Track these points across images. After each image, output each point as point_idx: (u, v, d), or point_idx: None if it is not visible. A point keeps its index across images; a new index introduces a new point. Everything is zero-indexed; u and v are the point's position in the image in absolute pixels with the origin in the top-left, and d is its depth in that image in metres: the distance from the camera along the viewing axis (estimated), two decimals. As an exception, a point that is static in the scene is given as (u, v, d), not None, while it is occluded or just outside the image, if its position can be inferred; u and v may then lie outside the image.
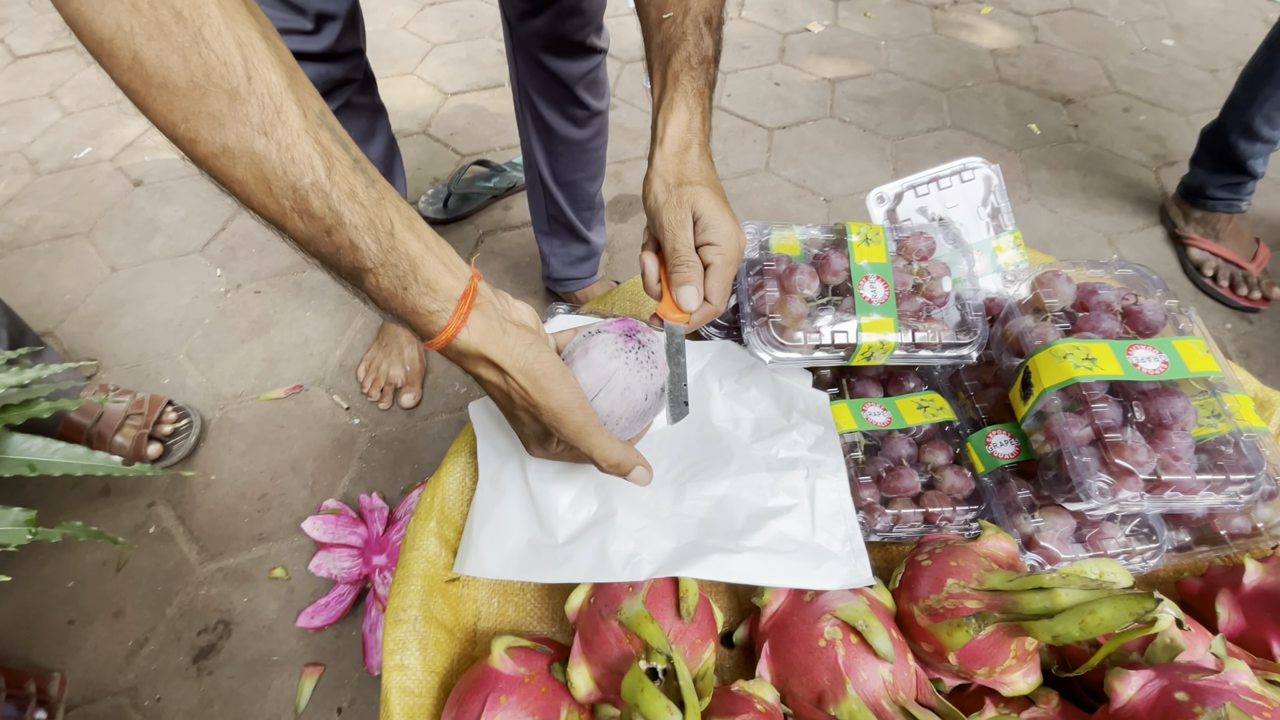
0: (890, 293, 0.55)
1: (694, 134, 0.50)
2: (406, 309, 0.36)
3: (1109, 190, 1.52)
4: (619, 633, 0.44)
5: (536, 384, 0.40)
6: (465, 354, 0.38)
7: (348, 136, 0.35)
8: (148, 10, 0.28)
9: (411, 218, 0.36)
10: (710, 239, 0.48)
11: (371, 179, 0.35)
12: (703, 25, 0.50)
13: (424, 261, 0.36)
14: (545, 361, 0.40)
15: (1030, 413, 0.53)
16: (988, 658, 0.44)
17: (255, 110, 0.30)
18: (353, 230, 0.33)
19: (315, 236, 0.34)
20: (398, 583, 0.52)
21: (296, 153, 0.31)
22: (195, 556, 0.96)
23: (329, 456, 1.06)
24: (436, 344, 0.38)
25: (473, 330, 0.37)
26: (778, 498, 0.51)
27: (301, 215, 0.33)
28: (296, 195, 0.32)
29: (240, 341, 1.22)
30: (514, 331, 0.39)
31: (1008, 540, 0.48)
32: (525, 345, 0.39)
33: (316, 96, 0.34)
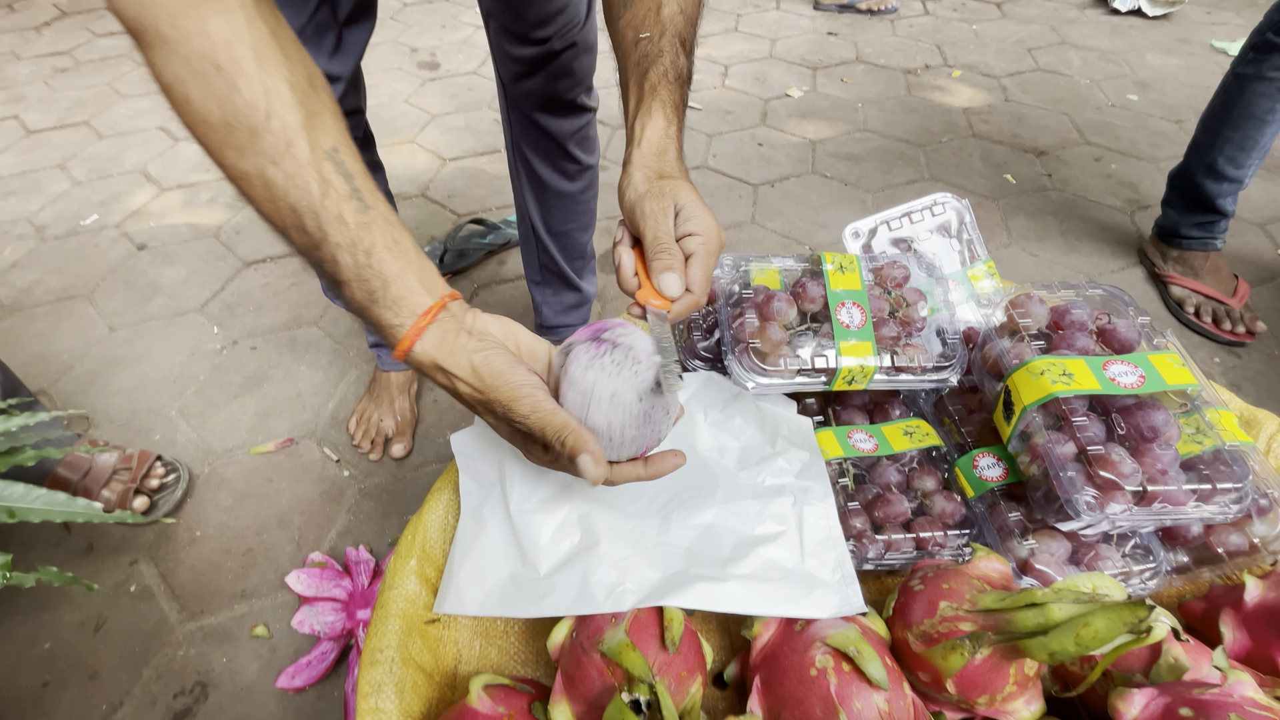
0: (867, 318, 0.56)
1: (671, 140, 0.51)
2: (374, 319, 0.41)
3: (1087, 233, 1.56)
4: (600, 665, 0.42)
5: (481, 380, 0.41)
6: (422, 365, 0.41)
7: (360, 168, 0.41)
8: (195, 64, 0.36)
9: (398, 241, 0.41)
10: (692, 229, 0.48)
11: (366, 205, 0.40)
12: (679, 45, 0.52)
13: (397, 280, 0.40)
14: (488, 357, 0.41)
15: (1014, 433, 0.53)
16: (987, 684, 0.42)
17: (269, 144, 0.38)
18: (335, 247, 0.39)
19: (308, 249, 0.40)
20: (375, 623, 0.51)
21: (298, 180, 0.38)
22: (175, 615, 0.93)
23: (317, 509, 1.04)
24: (399, 354, 0.41)
25: (427, 342, 0.41)
26: (765, 525, 0.50)
27: (297, 230, 0.39)
28: (295, 214, 0.39)
29: (233, 397, 1.23)
30: (464, 339, 0.41)
31: (1000, 561, 0.47)
32: (471, 350, 0.41)
33: (336, 134, 0.40)
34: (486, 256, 1.51)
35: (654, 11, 0.52)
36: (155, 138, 1.95)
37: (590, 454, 0.40)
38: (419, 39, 2.45)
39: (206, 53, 0.36)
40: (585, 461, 0.40)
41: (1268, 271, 1.44)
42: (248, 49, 0.37)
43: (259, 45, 0.37)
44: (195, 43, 0.36)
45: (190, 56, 0.36)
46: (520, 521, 0.49)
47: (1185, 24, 2.45)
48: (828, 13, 2.59)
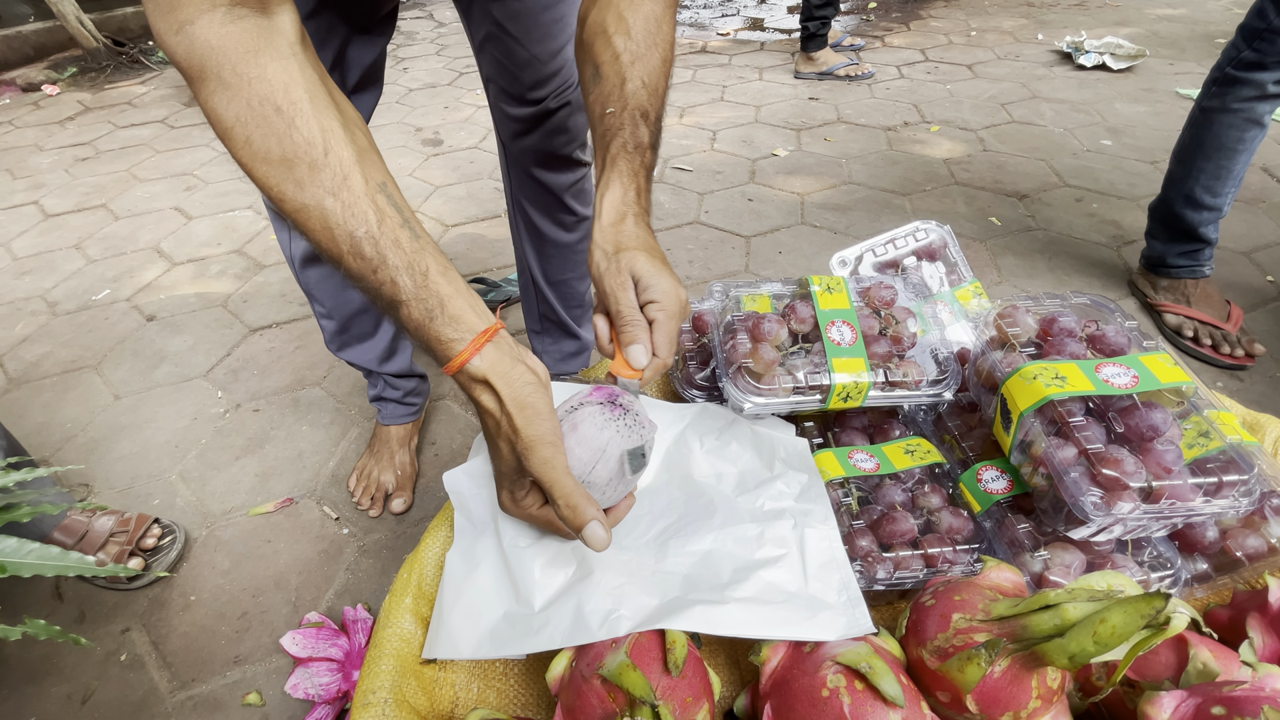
0: (858, 335, 0.56)
1: (629, 206, 0.54)
2: (431, 336, 0.43)
3: (1075, 269, 1.59)
4: (601, 693, 0.40)
5: (523, 412, 0.42)
6: (474, 378, 0.43)
7: (404, 203, 0.44)
8: (257, 107, 0.39)
9: (448, 268, 0.44)
10: (651, 297, 0.51)
11: (417, 234, 0.43)
12: (639, 118, 0.56)
13: (452, 301, 0.43)
14: (538, 399, 0.43)
15: (1014, 444, 0.52)
16: (1009, 699, 0.40)
17: (328, 178, 0.40)
18: (394, 270, 0.42)
19: (364, 274, 0.42)
20: (368, 663, 0.49)
21: (356, 210, 0.41)
22: (165, 685, 0.89)
23: (314, 569, 1.02)
24: (452, 368, 0.43)
25: (484, 358, 0.43)
26: (765, 549, 0.49)
27: (355, 256, 0.42)
28: (353, 241, 0.41)
29: (234, 459, 1.22)
30: (522, 370, 0.44)
31: (1011, 570, 0.46)
32: (526, 383, 0.43)
33: (381, 171, 0.44)
34: (487, 313, 1.54)
35: (618, 88, 0.56)
36: (169, 217, 2.03)
37: (599, 522, 0.42)
38: (423, 119, 2.59)
39: (267, 96, 0.39)
40: (594, 531, 0.42)
41: (1259, 297, 1.45)
42: (302, 91, 0.40)
43: (311, 88, 0.41)
44: (256, 87, 0.39)
45: (252, 100, 0.39)
46: (514, 557, 0.48)
47: (1149, 75, 2.58)
48: (808, 80, 2.74)
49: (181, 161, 2.36)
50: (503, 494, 0.46)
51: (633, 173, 0.55)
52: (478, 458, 0.54)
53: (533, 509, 0.46)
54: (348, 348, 1.03)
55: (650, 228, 0.55)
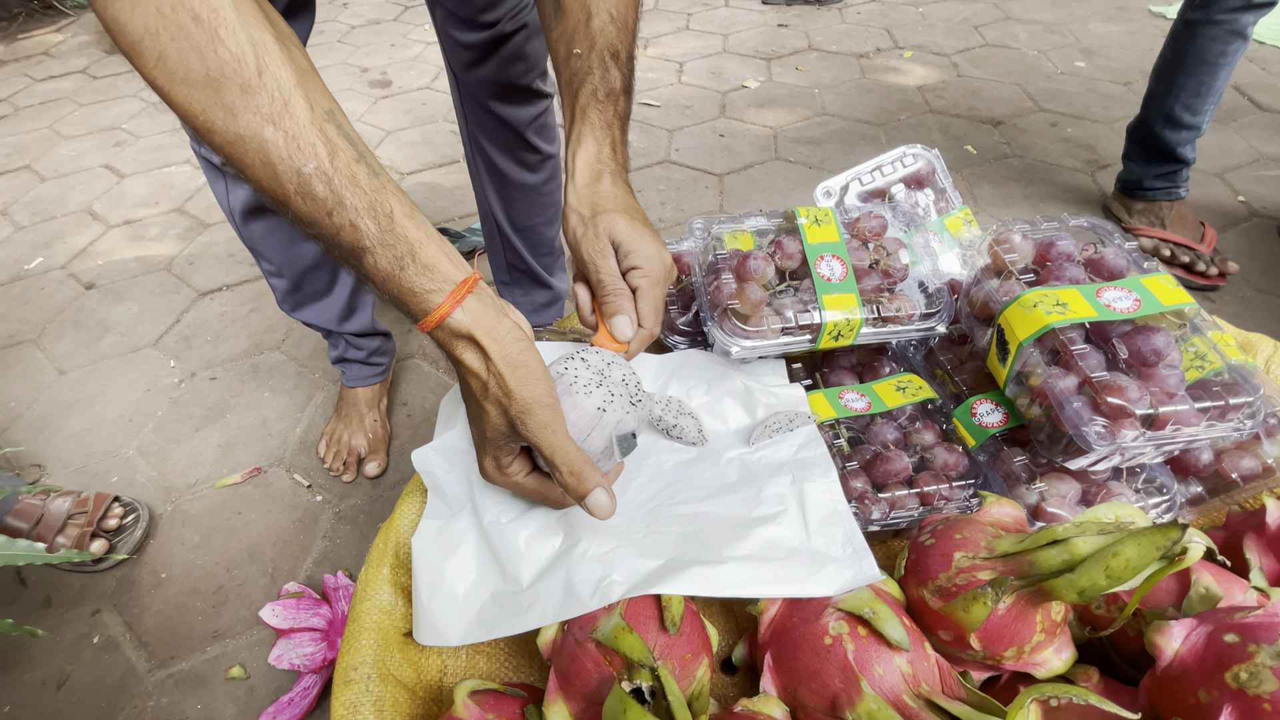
0: (848, 270, 0.53)
1: (604, 163, 0.49)
2: (403, 288, 0.37)
3: (1051, 196, 1.57)
4: (596, 656, 0.38)
5: (516, 373, 0.38)
6: (456, 334, 0.39)
7: (355, 134, 0.38)
8: (170, 14, 0.32)
9: (414, 210, 0.38)
10: (634, 263, 0.47)
11: (375, 171, 0.37)
12: (609, 59, 0.50)
13: (423, 247, 0.37)
14: (529, 357, 0.39)
15: (1011, 375, 0.51)
16: (1013, 635, 0.39)
17: (265, 102, 0.34)
18: (353, 212, 0.36)
19: (317, 217, 0.36)
20: (348, 638, 0.46)
21: (302, 141, 0.35)
22: (143, 665, 0.86)
23: (290, 539, 0.99)
24: (429, 323, 0.38)
25: (467, 311, 0.38)
26: (763, 507, 0.46)
27: (305, 197, 0.35)
28: (300, 179, 0.35)
29: (194, 430, 1.17)
30: (507, 324, 0.39)
31: (1011, 505, 0.44)
32: (515, 338, 0.39)
33: (327, 96, 0.37)
34: (453, 266, 1.47)
35: (583, 24, 0.50)
36: (100, 176, 1.88)
37: (603, 488, 0.39)
38: (369, 59, 2.41)
39: (181, 0, 0.33)
40: (599, 498, 0.39)
41: (1231, 218, 1.46)
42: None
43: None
44: None
45: (163, 5, 0.32)
46: (496, 534, 0.45)
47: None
48: (776, 6, 2.61)
49: (108, 115, 2.17)
50: (485, 461, 0.43)
51: (606, 124, 0.50)
52: (450, 433, 0.50)
53: (518, 476, 0.43)
54: (302, 307, 0.96)
55: (629, 185, 0.51)
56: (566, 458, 0.39)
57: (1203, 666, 0.33)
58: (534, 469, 0.44)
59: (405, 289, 0.37)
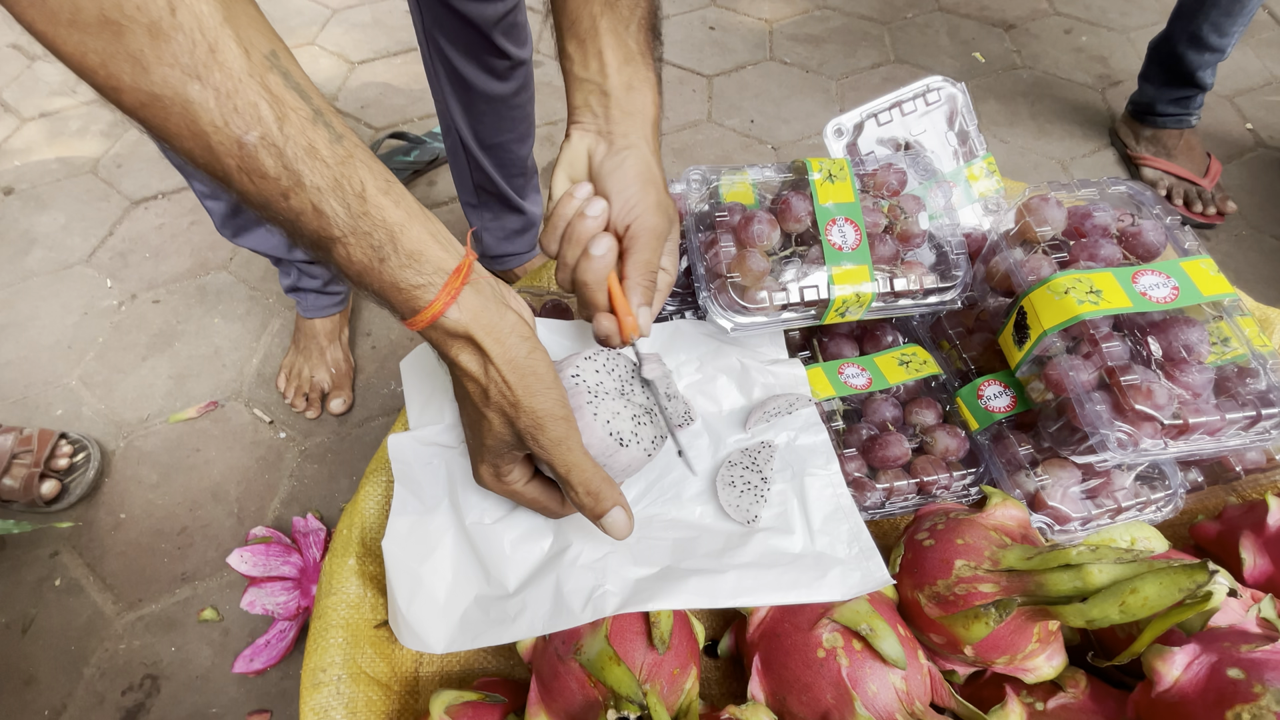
0: (862, 236, 0.47)
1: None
2: (385, 284, 0.31)
3: (1058, 115, 1.48)
4: (580, 676, 0.36)
5: (524, 381, 0.33)
6: (452, 334, 0.33)
7: (307, 82, 0.30)
8: None
9: (389, 181, 0.31)
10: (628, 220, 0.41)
11: (338, 134, 0.30)
12: None
13: (406, 230, 0.31)
14: (538, 359, 0.34)
15: (1026, 359, 0.47)
16: (1008, 646, 0.38)
17: (184, 49, 0.26)
18: (314, 193, 0.29)
19: (270, 200, 0.29)
20: (314, 636, 0.44)
21: (239, 101, 0.27)
22: (111, 607, 0.85)
23: (254, 478, 0.95)
24: (420, 322, 0.33)
25: (464, 308, 0.32)
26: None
27: (251, 176, 0.28)
28: (243, 152, 0.27)
29: (141, 359, 1.09)
30: (511, 320, 0.34)
31: (1017, 507, 0.42)
32: (520, 338, 0.34)
33: (267, 34, 0.29)
34: (413, 177, 1.35)
35: None
36: (7, 59, 1.63)
37: (621, 507, 0.35)
38: (307, -85, 2.08)
39: None
40: (617, 519, 0.35)
41: (1237, 147, 1.40)
42: None
43: None
44: None
45: None
46: (479, 536, 0.41)
47: None
48: None
49: (-2, -25, 1.86)
50: (482, 469, 0.38)
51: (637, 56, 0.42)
52: (434, 427, 0.44)
53: (518, 484, 0.38)
54: (245, 233, 0.87)
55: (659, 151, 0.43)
56: (583, 477, 0.34)
57: (1203, 699, 0.33)
58: (534, 476, 0.39)
59: (388, 284, 0.31)
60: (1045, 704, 0.39)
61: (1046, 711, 0.39)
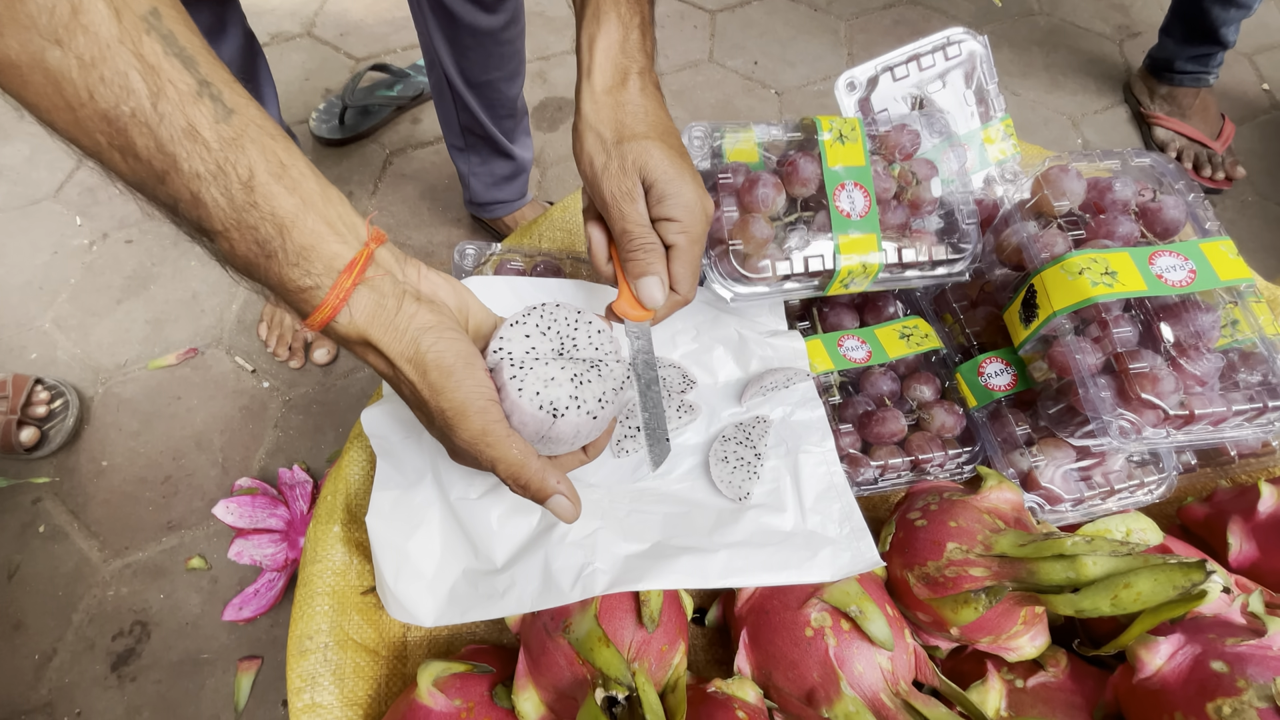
0: (871, 203, 0.45)
1: (631, 58, 0.37)
2: (272, 282, 0.29)
3: (1073, 68, 1.42)
4: (569, 653, 0.36)
5: (428, 378, 0.30)
6: (346, 339, 0.31)
7: (199, 44, 0.26)
8: None
9: (285, 162, 0.28)
10: (670, 213, 0.37)
11: (228, 109, 0.26)
12: None
13: (297, 222, 0.28)
14: (441, 350, 0.31)
15: (1031, 338, 0.46)
16: (994, 627, 0.39)
17: (42, 9, 0.23)
18: (193, 180, 0.26)
19: (145, 182, 0.26)
20: (299, 604, 0.43)
21: (106, 70, 0.24)
22: (97, 554, 0.85)
23: (239, 428, 0.93)
24: (313, 325, 0.30)
25: (356, 310, 0.30)
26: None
27: (123, 154, 0.25)
28: (112, 128, 0.24)
29: (116, 302, 1.05)
30: (410, 310, 0.31)
31: (1012, 490, 0.42)
32: (420, 328, 0.31)
33: None
34: (396, 113, 1.28)
35: None
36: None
37: (563, 495, 0.33)
38: None
39: None
40: (559, 505, 0.33)
41: (1251, 109, 1.35)
42: None
43: None
44: None
45: None
46: (465, 511, 0.40)
47: None
48: None
49: None
50: (448, 451, 0.37)
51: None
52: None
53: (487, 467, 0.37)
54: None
55: (659, 90, 0.39)
56: (510, 470, 0.32)
57: (1185, 690, 0.33)
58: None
59: (274, 283, 0.28)
60: (1025, 681, 0.40)
61: (1026, 689, 0.40)
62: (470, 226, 1.14)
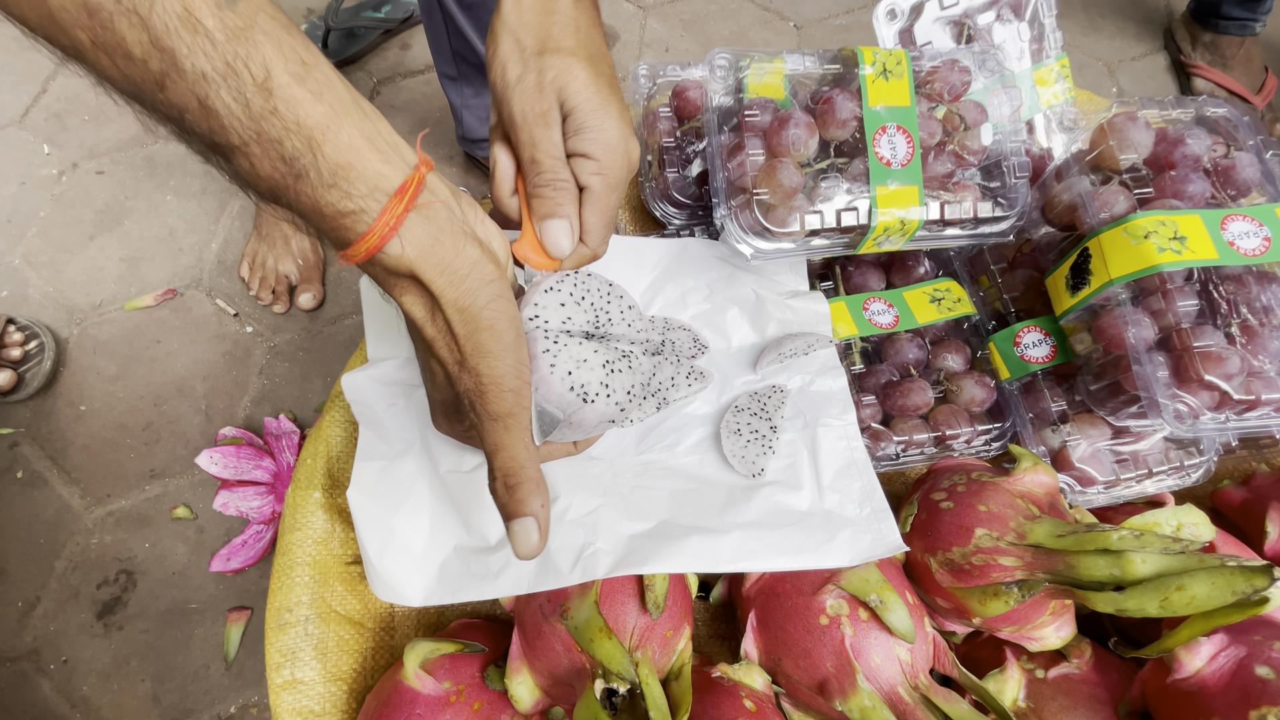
0: (914, 149, 0.40)
1: None
2: (305, 207, 0.24)
3: (1113, 8, 1.32)
4: (566, 639, 0.34)
5: (475, 336, 0.26)
6: (393, 272, 0.26)
7: None
8: None
9: (308, 61, 0.23)
10: (586, 148, 0.32)
11: None
12: None
13: (330, 135, 0.23)
14: (499, 311, 0.27)
15: (1078, 306, 0.42)
16: (1019, 618, 0.36)
17: None
18: (198, 82, 0.21)
19: (142, 89, 0.21)
20: (278, 575, 0.41)
21: None
22: (79, 501, 0.82)
23: (222, 374, 0.90)
24: (353, 256, 0.25)
25: (410, 241, 0.25)
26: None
27: (113, 55, 0.20)
28: (95, 20, 0.20)
29: (88, 238, 0.99)
30: (472, 255, 0.26)
31: (1047, 473, 0.39)
32: (483, 279, 0.26)
33: None
34: (384, 37, 1.18)
35: None
36: None
37: (539, 524, 0.28)
38: None
39: None
40: (527, 533, 0.28)
41: (1298, 59, 1.27)
42: None
43: None
44: None
45: None
46: (456, 484, 0.37)
47: None
48: None
49: None
50: (438, 418, 0.33)
51: None
52: (389, 363, 0.39)
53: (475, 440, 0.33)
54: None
55: (598, 7, 0.34)
56: (508, 462, 0.28)
57: (1225, 695, 0.31)
58: None
59: (308, 208, 0.24)
60: (1046, 672, 0.38)
61: (1047, 680, 0.38)
62: (464, 165, 1.08)
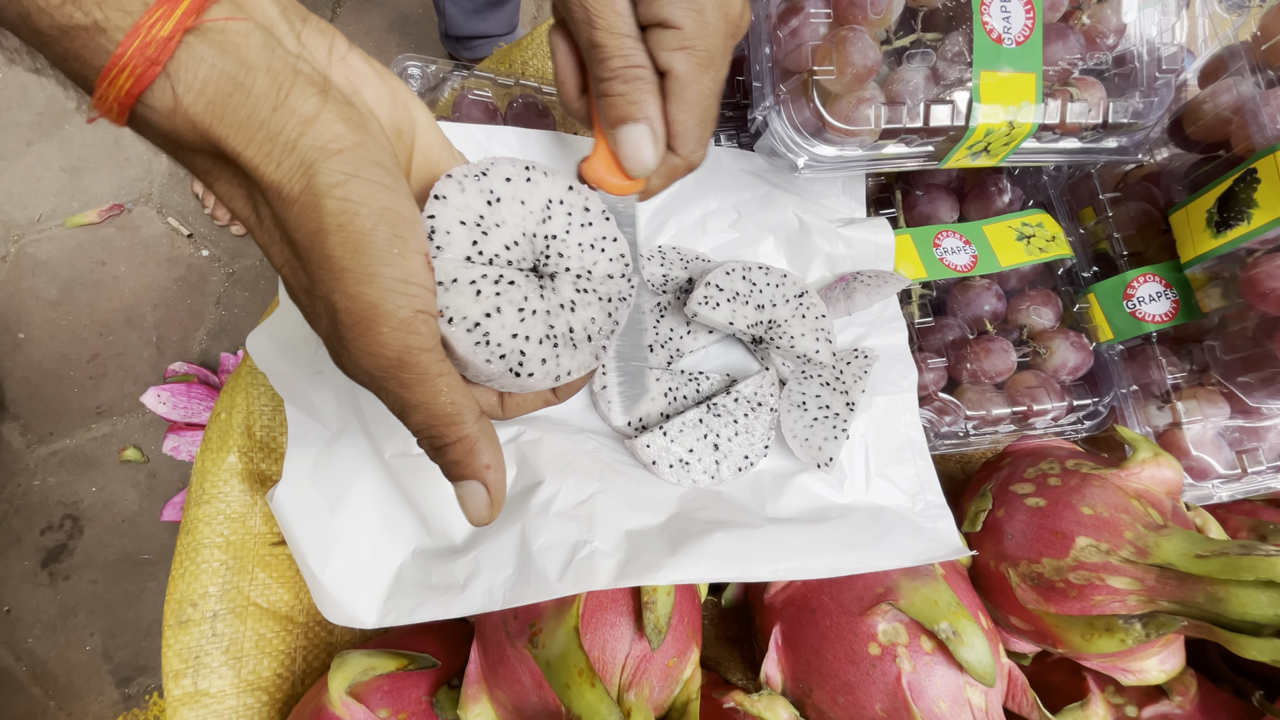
0: (1036, 22, 0.29)
1: None
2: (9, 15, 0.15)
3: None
4: (535, 670, 0.25)
5: (319, 242, 0.16)
6: (177, 139, 0.17)
7: None
8: None
9: None
10: (665, 11, 0.21)
11: None
12: None
13: None
14: (353, 195, 0.17)
15: (1220, 251, 0.32)
16: (1122, 652, 0.28)
17: None
18: None
19: None
20: (180, 559, 0.32)
21: None
22: (19, 439, 0.74)
23: (174, 302, 0.80)
24: (106, 109, 0.16)
25: (190, 84, 0.15)
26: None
27: None
28: None
29: (25, 144, 0.87)
30: (304, 107, 0.16)
31: (1170, 466, 0.30)
32: (320, 144, 0.16)
33: None
34: (364, -80, 1.02)
35: None
36: None
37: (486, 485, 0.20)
38: None
39: None
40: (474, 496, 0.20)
41: None
42: None
43: None
44: None
45: None
46: (407, 471, 0.28)
47: None
48: None
49: None
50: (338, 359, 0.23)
51: None
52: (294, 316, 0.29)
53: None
54: None
55: None
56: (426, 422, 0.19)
57: None
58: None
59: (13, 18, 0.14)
60: (1140, 711, 0.30)
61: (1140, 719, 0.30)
62: (450, 72, 0.94)
